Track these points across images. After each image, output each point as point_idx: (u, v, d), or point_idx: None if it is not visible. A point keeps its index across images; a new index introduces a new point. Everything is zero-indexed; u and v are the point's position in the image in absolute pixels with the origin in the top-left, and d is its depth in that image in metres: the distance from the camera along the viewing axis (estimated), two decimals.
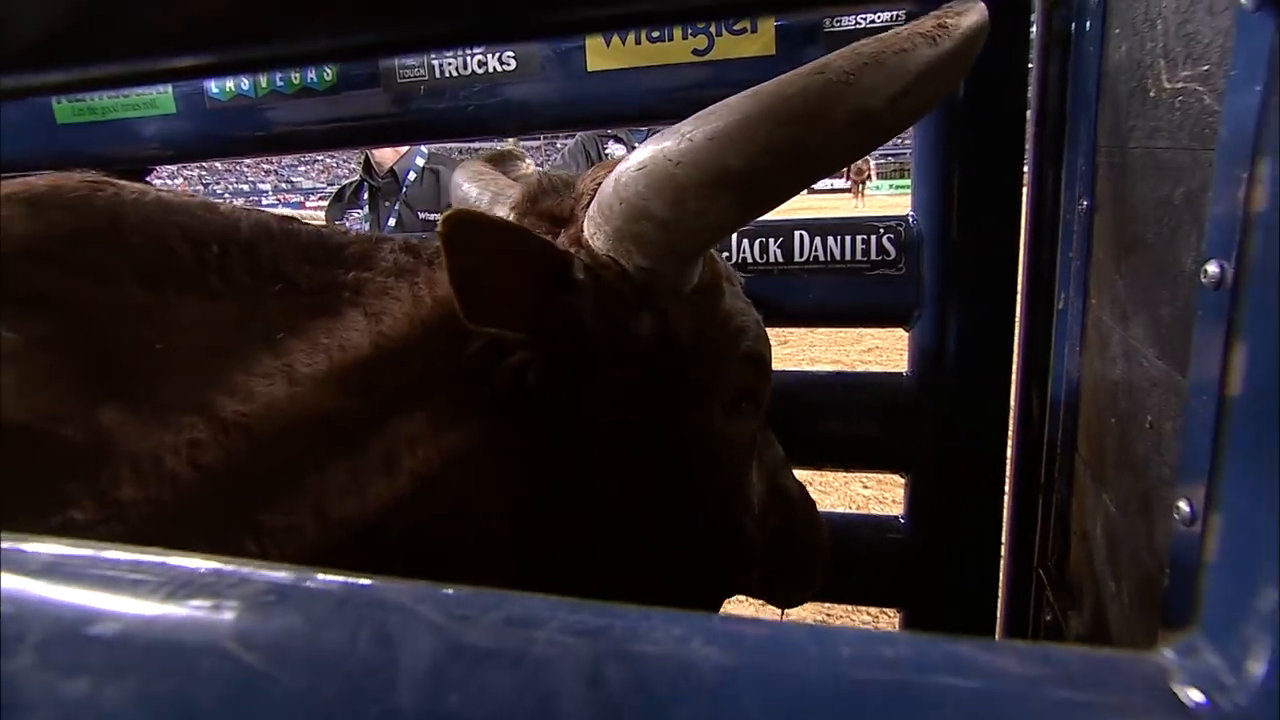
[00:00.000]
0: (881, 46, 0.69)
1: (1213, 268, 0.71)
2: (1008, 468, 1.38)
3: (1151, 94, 0.89)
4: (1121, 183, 1.01)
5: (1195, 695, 0.21)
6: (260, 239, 0.86)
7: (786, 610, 1.25)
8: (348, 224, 2.96)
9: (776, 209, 0.82)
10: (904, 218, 1.34)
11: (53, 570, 0.31)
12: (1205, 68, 0.78)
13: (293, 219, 0.94)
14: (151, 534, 0.70)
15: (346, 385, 0.81)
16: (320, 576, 0.29)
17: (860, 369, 5.19)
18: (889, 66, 0.68)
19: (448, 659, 0.25)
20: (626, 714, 0.22)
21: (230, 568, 0.30)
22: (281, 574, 0.30)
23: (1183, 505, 0.77)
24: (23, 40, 0.27)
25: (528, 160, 1.31)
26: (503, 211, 1.03)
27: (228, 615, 0.28)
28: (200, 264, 0.82)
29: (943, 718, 0.21)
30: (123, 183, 0.85)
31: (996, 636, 1.42)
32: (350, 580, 0.29)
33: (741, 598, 1.24)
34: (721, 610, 1.24)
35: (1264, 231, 0.35)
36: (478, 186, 1.17)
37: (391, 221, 2.90)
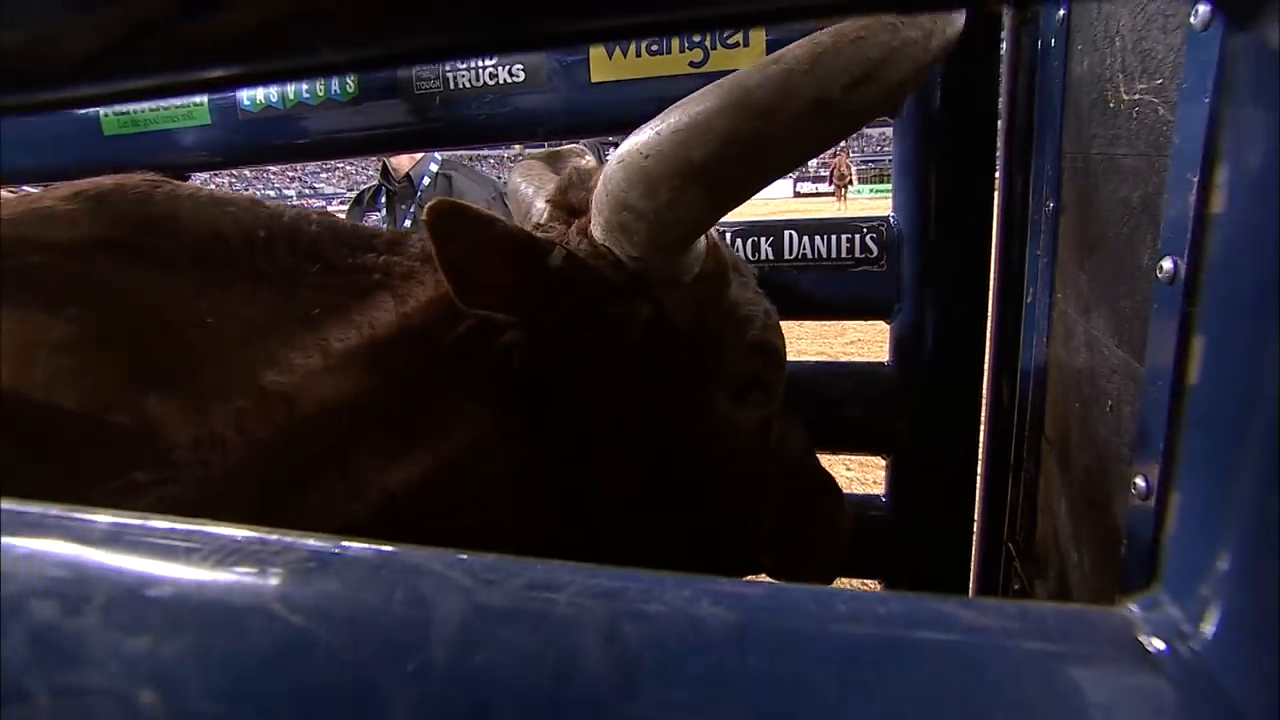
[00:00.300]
0: (839, 35, 0.65)
1: (1167, 264, 0.72)
2: (980, 449, 1.39)
3: (1111, 104, 0.89)
4: (1085, 186, 1.01)
5: (1157, 644, 0.21)
6: (302, 225, 0.87)
7: None
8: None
9: (766, 208, 0.80)
10: (885, 218, 1.34)
11: (113, 539, 0.31)
12: (1159, 81, 0.78)
13: (330, 214, 0.95)
14: (203, 494, 0.71)
15: (373, 362, 0.81)
16: (356, 544, 0.29)
17: (843, 358, 5.20)
18: (846, 54, 0.65)
19: (476, 619, 0.25)
20: (643, 668, 0.22)
21: (273, 537, 0.31)
22: (320, 542, 0.30)
23: (1139, 481, 0.78)
24: (69, 56, 0.27)
25: (588, 157, 1.30)
26: (541, 204, 1.03)
27: (273, 580, 0.29)
28: (248, 246, 0.83)
29: (931, 668, 0.22)
30: (179, 182, 0.87)
31: None
32: (384, 548, 0.29)
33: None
34: None
35: (1223, 232, 0.35)
36: (526, 181, 1.17)
37: (407, 223, 2.90)
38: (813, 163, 30.89)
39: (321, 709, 0.27)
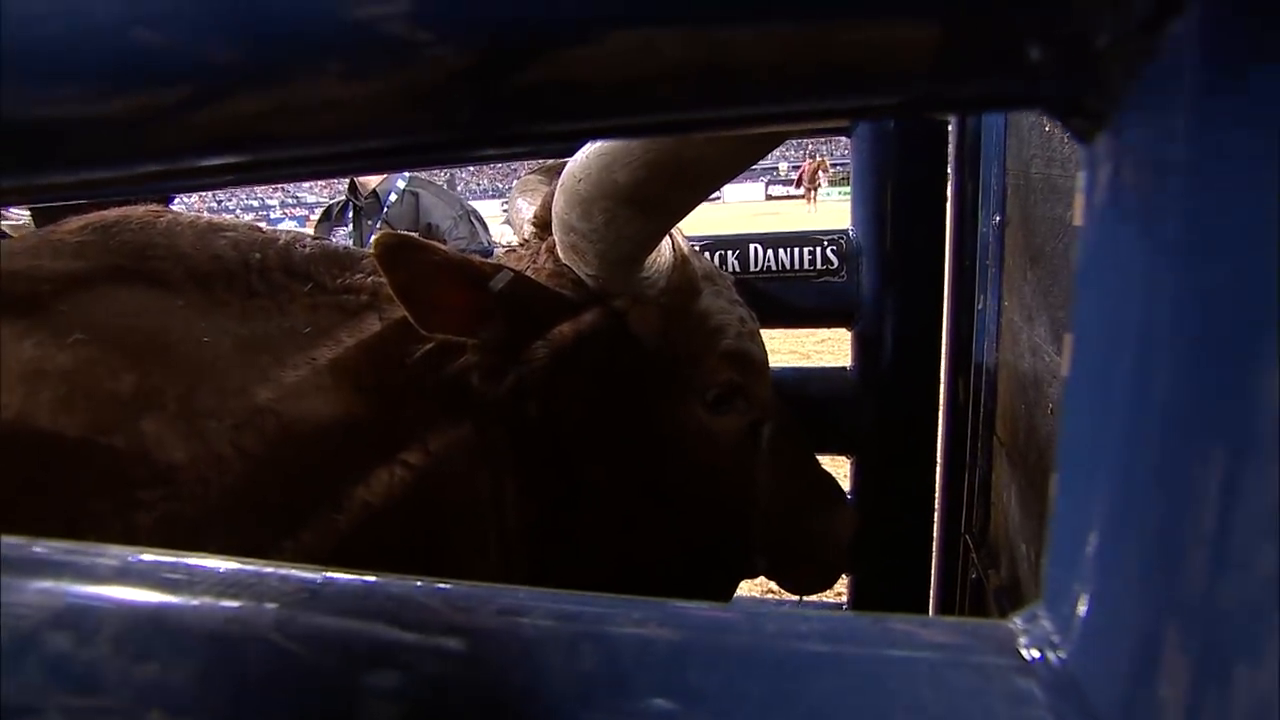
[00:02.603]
0: None
1: None
2: (939, 447, 1.43)
3: (1046, 128, 0.93)
4: (1026, 202, 1.05)
5: (1033, 653, 0.24)
6: (294, 246, 0.90)
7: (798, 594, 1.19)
8: (334, 240, 2.94)
9: (739, 210, 0.81)
10: (844, 231, 1.38)
11: (121, 575, 0.33)
12: None
13: (324, 239, 0.98)
14: (202, 510, 0.73)
15: (359, 380, 0.83)
16: (345, 576, 0.31)
17: (815, 357, 5.28)
18: None
19: (451, 640, 0.28)
20: (599, 683, 0.25)
21: (269, 570, 0.33)
22: (312, 574, 0.32)
23: None
24: (78, 145, 0.29)
25: None
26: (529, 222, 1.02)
27: (269, 611, 0.31)
28: (244, 266, 0.85)
29: (843, 677, 0.24)
30: (178, 210, 0.89)
31: (931, 594, 1.47)
32: (370, 579, 0.31)
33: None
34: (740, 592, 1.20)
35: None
36: (523, 198, 1.17)
37: (373, 239, 2.87)
38: (783, 165, 31.01)
39: None
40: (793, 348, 5.47)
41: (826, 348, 5.51)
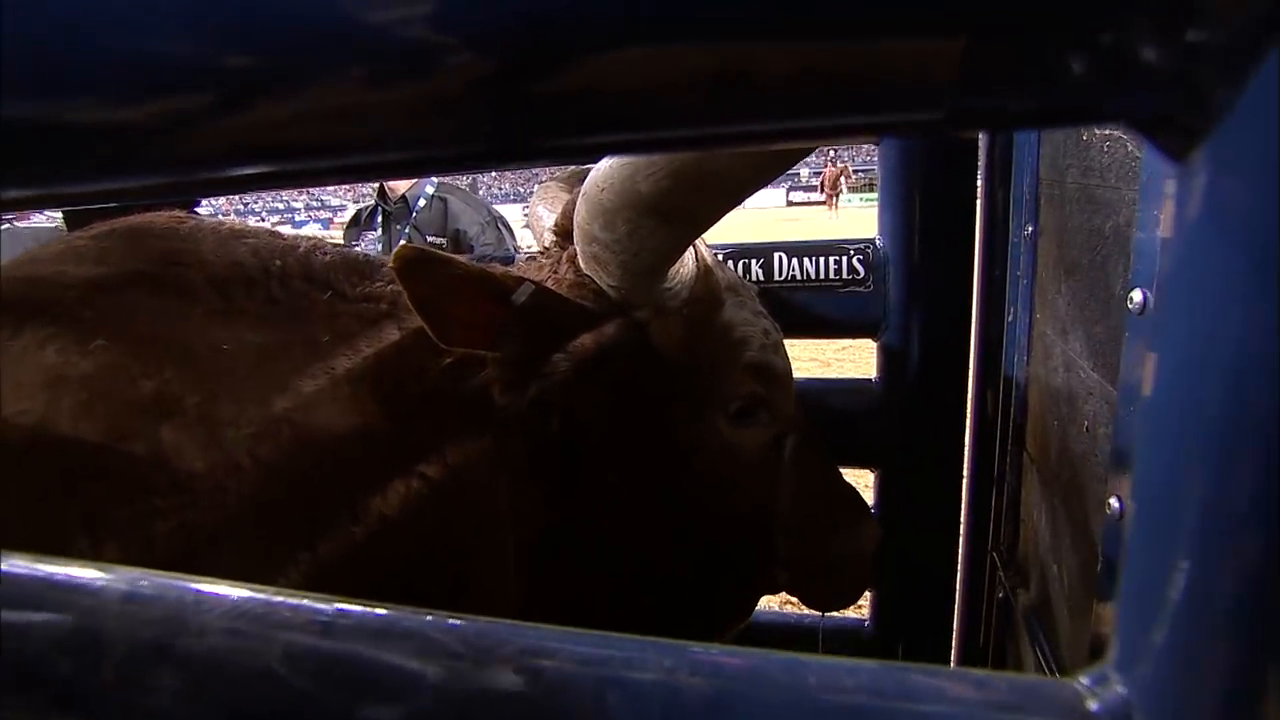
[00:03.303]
0: None
1: (1138, 295, 0.73)
2: (965, 462, 1.39)
3: (1084, 137, 0.90)
4: (1060, 213, 1.02)
5: (1104, 717, 0.22)
6: (314, 254, 0.89)
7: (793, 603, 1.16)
8: (363, 245, 2.97)
9: (760, 215, 0.79)
10: (871, 240, 1.35)
11: (128, 599, 0.32)
12: None
13: (344, 246, 0.97)
14: (219, 519, 0.72)
15: (378, 391, 0.82)
16: (359, 609, 0.30)
17: (835, 364, 5.24)
18: None
19: (468, 683, 0.26)
20: None
21: (280, 599, 0.32)
22: (324, 606, 0.31)
23: (1113, 502, 0.79)
24: (98, 152, 0.28)
25: None
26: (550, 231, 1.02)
27: (278, 642, 0.30)
28: (264, 273, 0.85)
29: None
30: (201, 216, 0.89)
31: (955, 611, 1.43)
32: (385, 612, 0.30)
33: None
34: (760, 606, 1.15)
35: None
36: (545, 205, 1.16)
37: (401, 243, 2.89)
38: (804, 171, 30.90)
39: None
40: (813, 355, 5.43)
41: (847, 355, 5.46)
